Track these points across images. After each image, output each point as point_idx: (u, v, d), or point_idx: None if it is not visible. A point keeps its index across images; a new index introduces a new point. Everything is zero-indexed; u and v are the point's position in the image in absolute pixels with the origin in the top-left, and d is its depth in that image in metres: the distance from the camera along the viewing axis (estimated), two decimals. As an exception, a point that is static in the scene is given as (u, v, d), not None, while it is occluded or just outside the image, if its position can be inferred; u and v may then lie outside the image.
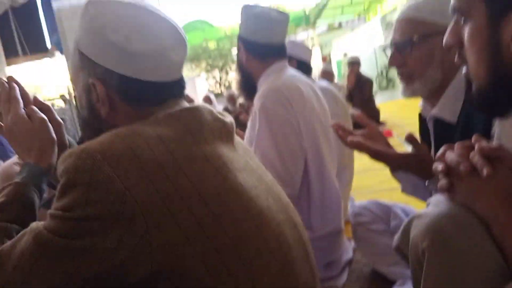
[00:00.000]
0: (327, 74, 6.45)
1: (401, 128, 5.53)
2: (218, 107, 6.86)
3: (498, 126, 0.74)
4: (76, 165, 0.60)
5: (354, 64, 6.35)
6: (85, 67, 0.72)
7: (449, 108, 1.05)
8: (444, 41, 0.67)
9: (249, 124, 1.51)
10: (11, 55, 12.12)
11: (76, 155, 0.60)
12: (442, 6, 1.04)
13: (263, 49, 1.51)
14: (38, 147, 0.79)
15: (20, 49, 11.80)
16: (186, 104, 0.74)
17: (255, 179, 0.73)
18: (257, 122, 1.40)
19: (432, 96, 1.10)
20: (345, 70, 6.67)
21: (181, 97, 0.76)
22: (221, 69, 11.38)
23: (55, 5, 7.46)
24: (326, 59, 18.88)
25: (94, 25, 0.69)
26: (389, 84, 16.52)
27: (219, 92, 11.06)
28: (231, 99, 6.64)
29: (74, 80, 0.76)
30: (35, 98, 0.86)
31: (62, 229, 0.60)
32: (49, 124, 0.82)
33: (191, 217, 0.61)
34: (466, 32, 0.61)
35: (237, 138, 0.80)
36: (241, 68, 1.59)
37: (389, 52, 1.14)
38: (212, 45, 12.67)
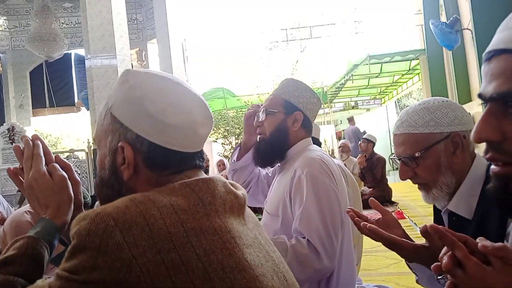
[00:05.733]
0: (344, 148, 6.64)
1: (414, 210, 5.46)
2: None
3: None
4: (89, 228, 0.62)
5: (369, 142, 6.37)
6: (115, 131, 0.75)
7: (464, 204, 1.06)
8: (476, 135, 0.57)
9: (278, 184, 1.50)
10: (39, 106, 12.67)
11: (91, 218, 0.63)
12: (433, 115, 1.07)
13: (310, 122, 1.57)
14: (55, 204, 0.81)
15: (48, 101, 12.34)
16: (203, 175, 0.77)
17: (262, 255, 0.74)
18: (304, 189, 1.36)
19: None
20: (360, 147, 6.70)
21: (201, 168, 0.79)
22: (237, 137, 11.65)
23: (87, 63, 7.80)
24: (340, 135, 19.23)
25: (132, 94, 0.73)
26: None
27: (234, 156, 11.28)
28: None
29: (98, 140, 0.79)
30: (57, 156, 0.89)
31: None
32: (69, 182, 0.84)
33: None
34: None
35: (248, 211, 0.81)
36: (281, 133, 1.52)
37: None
38: (231, 112, 13.08)
